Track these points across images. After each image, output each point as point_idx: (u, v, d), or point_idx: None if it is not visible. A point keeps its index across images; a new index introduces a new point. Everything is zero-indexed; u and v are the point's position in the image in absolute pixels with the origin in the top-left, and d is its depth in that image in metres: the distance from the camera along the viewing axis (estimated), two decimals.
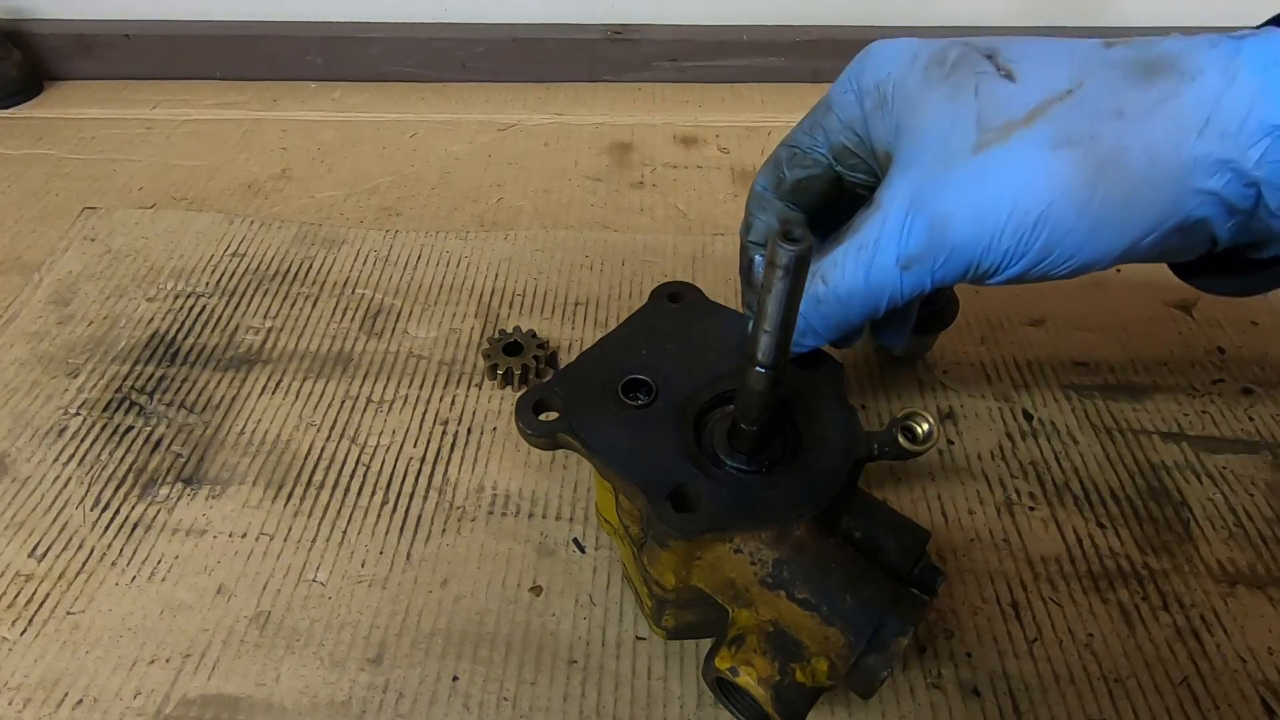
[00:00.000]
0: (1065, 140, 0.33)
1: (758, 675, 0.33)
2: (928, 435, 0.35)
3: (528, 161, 0.74)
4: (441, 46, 0.82)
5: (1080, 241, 0.34)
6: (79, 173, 0.72)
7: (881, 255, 0.36)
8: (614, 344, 0.42)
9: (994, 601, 0.43)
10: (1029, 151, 0.34)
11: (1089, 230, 0.34)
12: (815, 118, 0.42)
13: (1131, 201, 0.33)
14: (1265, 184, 0.32)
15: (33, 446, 0.50)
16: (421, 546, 0.46)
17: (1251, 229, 0.35)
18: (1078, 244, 0.34)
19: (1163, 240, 0.34)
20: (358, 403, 0.53)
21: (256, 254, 0.63)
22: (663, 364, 0.40)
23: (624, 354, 0.41)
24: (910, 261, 0.36)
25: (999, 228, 0.34)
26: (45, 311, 0.59)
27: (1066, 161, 0.33)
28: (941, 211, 0.35)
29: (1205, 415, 0.53)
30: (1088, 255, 0.34)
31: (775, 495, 0.35)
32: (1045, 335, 0.57)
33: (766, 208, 0.43)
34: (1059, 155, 0.33)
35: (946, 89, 0.36)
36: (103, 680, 0.40)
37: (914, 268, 0.36)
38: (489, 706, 0.39)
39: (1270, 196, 0.32)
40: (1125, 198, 0.33)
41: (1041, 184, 0.33)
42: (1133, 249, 0.34)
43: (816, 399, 0.39)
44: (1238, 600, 0.44)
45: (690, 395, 0.39)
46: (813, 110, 0.43)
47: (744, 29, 0.83)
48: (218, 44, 0.82)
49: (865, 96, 0.39)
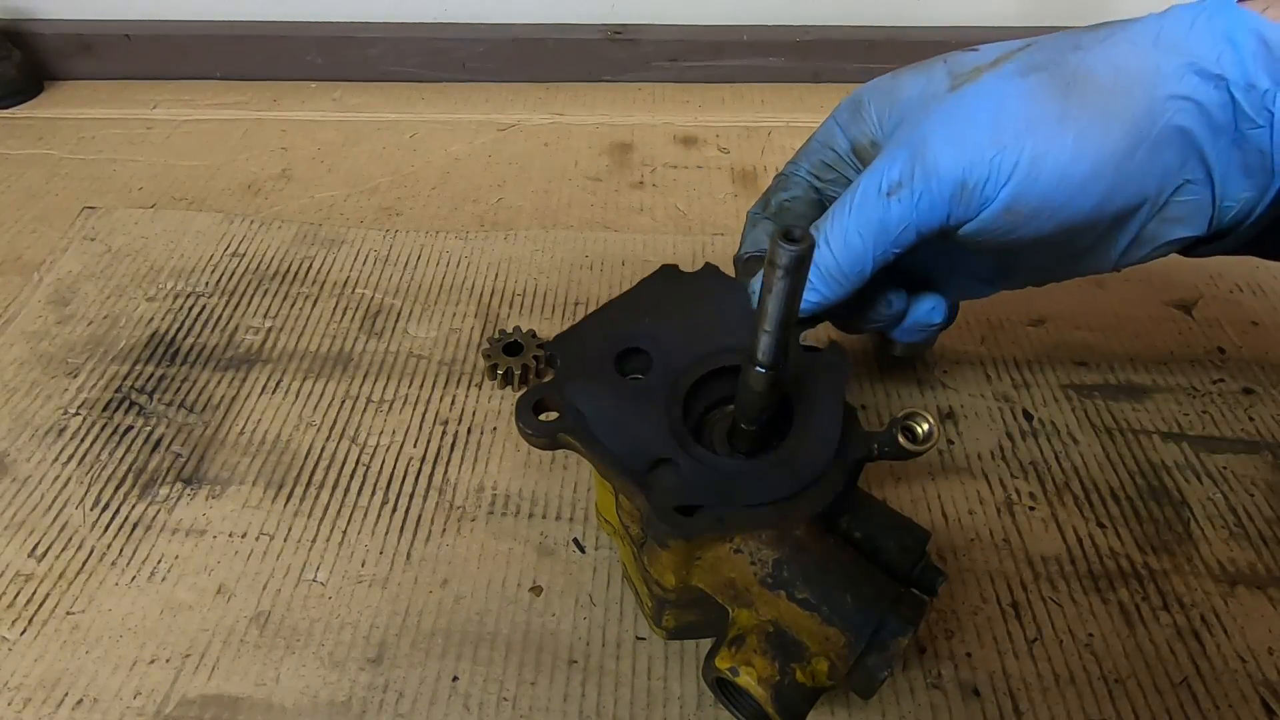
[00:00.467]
0: (1032, 68, 0.35)
1: (758, 675, 0.33)
2: (928, 435, 0.35)
3: (528, 161, 0.74)
4: (441, 46, 0.82)
5: (1068, 156, 0.34)
6: (79, 173, 0.72)
7: (866, 187, 0.37)
8: (617, 310, 0.41)
9: (994, 601, 0.43)
10: (1000, 81, 0.35)
11: (1074, 142, 0.34)
12: (799, 151, 0.46)
13: (1109, 109, 0.34)
14: (1234, 85, 0.33)
15: (33, 446, 0.50)
16: (421, 546, 0.46)
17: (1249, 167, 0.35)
18: (1066, 158, 0.34)
19: (1154, 161, 0.34)
20: (358, 403, 0.53)
21: (256, 254, 0.63)
22: (664, 335, 0.39)
23: (626, 322, 0.40)
24: (893, 187, 0.36)
25: (979, 142, 0.34)
26: (45, 311, 0.59)
27: (1036, 82, 0.35)
28: (919, 135, 0.36)
29: (1205, 415, 0.53)
30: (1080, 173, 0.34)
31: (755, 479, 0.35)
32: (1045, 335, 0.57)
33: (756, 225, 0.45)
34: (1028, 79, 0.35)
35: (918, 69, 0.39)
36: (103, 680, 0.40)
37: (897, 193, 0.36)
38: (489, 706, 0.39)
39: (1245, 100, 0.33)
40: (1101, 106, 0.34)
41: (1015, 102, 0.34)
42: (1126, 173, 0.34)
43: (814, 386, 0.38)
44: (1238, 600, 0.44)
45: (686, 369, 0.38)
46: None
47: (744, 29, 0.83)
48: (218, 44, 0.82)
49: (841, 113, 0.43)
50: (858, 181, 0.38)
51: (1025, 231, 0.36)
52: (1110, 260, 0.41)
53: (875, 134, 0.41)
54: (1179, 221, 0.37)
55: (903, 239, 0.37)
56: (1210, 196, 0.36)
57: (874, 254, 0.37)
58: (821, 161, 0.44)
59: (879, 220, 0.36)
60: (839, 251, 0.37)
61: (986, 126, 0.34)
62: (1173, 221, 0.37)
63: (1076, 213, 0.35)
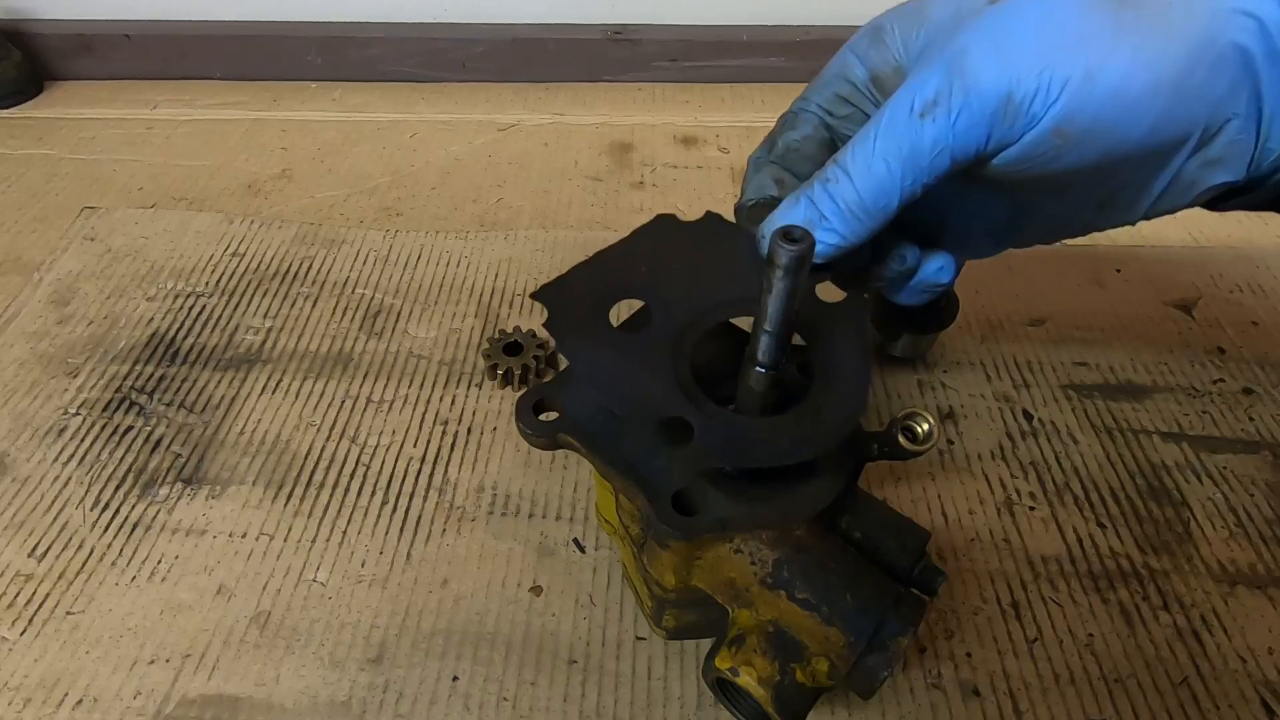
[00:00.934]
0: None
1: (758, 675, 0.33)
2: (928, 435, 0.35)
3: (528, 161, 0.74)
4: (441, 46, 0.82)
5: (1124, 72, 0.30)
6: (79, 173, 0.72)
7: (895, 108, 0.32)
8: (611, 260, 0.37)
9: (994, 601, 0.43)
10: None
11: (1131, 56, 0.30)
12: (810, 85, 0.41)
13: (1169, 20, 0.30)
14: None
15: (33, 446, 0.50)
16: (421, 546, 0.46)
17: None
18: (1122, 74, 0.30)
19: (1212, 83, 0.31)
20: (358, 403, 0.53)
21: (256, 254, 0.63)
22: (664, 286, 0.36)
23: (621, 272, 0.36)
24: (927, 106, 0.31)
25: (1026, 54, 0.31)
26: (45, 311, 0.59)
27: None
28: (958, 48, 0.31)
29: (1205, 415, 0.53)
30: (1136, 92, 0.30)
31: (781, 436, 0.32)
32: (1045, 335, 0.57)
33: (761, 169, 0.40)
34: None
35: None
36: (103, 680, 0.40)
37: (932, 113, 0.31)
38: (489, 706, 0.39)
39: None
40: (1159, 17, 0.30)
41: (1066, 12, 0.31)
42: (1183, 95, 0.31)
43: (833, 337, 0.35)
44: (1238, 600, 0.44)
45: (691, 322, 0.35)
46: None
47: (744, 29, 0.83)
48: (218, 44, 0.82)
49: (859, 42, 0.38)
50: (885, 105, 0.33)
51: (1067, 161, 0.33)
52: (1139, 209, 0.37)
53: (900, 59, 0.37)
54: (1219, 164, 0.34)
55: (936, 166, 0.32)
56: (1255, 136, 0.33)
57: (902, 185, 0.33)
58: (836, 95, 0.39)
59: (910, 145, 0.32)
60: (862, 183, 0.33)
61: (1034, 38, 0.31)
62: (1213, 164, 0.34)
63: (1125, 139, 0.32)
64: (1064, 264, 0.62)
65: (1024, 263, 0.62)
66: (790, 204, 0.35)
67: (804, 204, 0.35)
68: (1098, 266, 0.62)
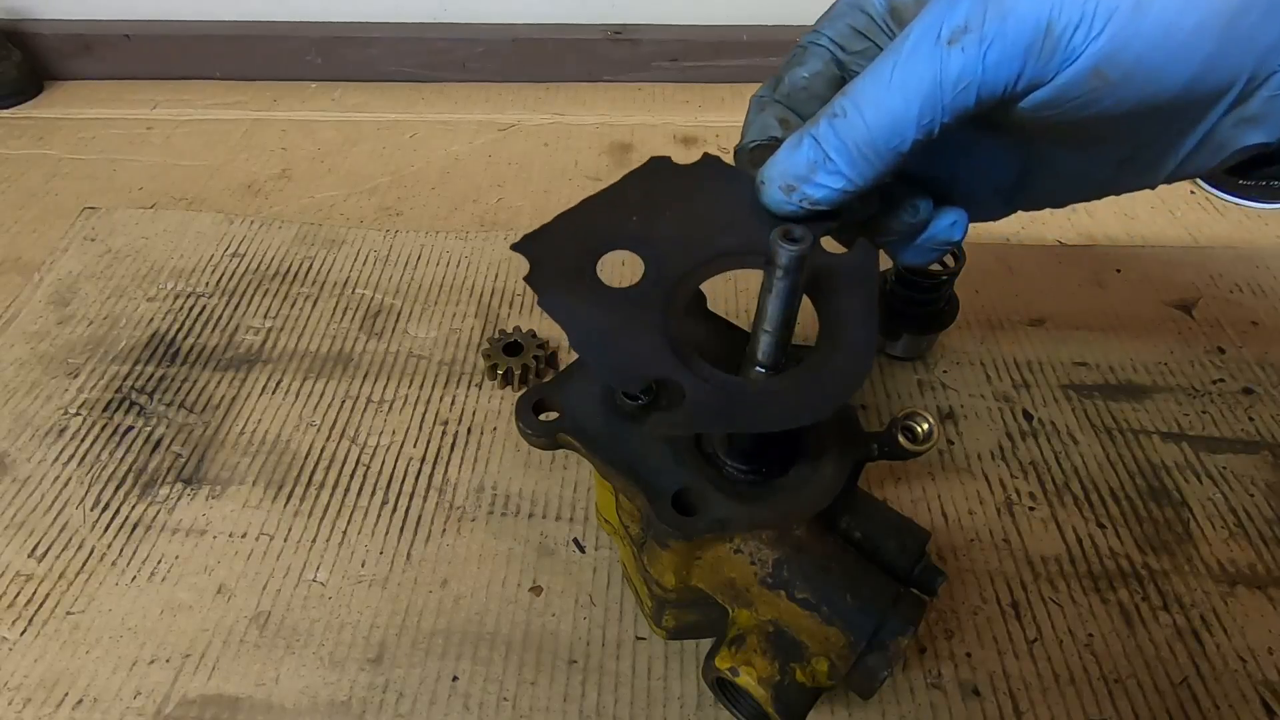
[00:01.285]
0: None
1: (758, 675, 0.33)
2: (928, 435, 0.35)
3: (528, 161, 0.74)
4: (441, 46, 0.82)
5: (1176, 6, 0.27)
6: (79, 173, 0.72)
7: (919, 34, 0.29)
8: (599, 207, 0.34)
9: (994, 601, 0.43)
10: None
11: None
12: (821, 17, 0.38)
13: None
14: None
15: (33, 446, 0.50)
16: (421, 546, 0.46)
17: None
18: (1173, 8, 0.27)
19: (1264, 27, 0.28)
20: (358, 403, 0.53)
21: (256, 254, 0.63)
22: (655, 236, 0.33)
23: (609, 221, 0.33)
24: (955, 33, 0.28)
25: None
26: (45, 311, 0.59)
27: None
28: None
29: (1205, 415, 0.53)
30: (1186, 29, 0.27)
31: (780, 398, 0.30)
32: (1045, 335, 0.57)
33: (764, 109, 0.37)
34: None
35: None
36: (103, 680, 0.40)
37: (960, 40, 0.28)
38: (489, 706, 0.39)
39: None
40: None
41: None
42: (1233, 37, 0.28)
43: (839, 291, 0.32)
44: (1238, 600, 0.44)
45: (685, 275, 0.32)
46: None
47: (744, 29, 0.83)
48: (218, 44, 0.82)
49: None
50: (905, 31, 0.30)
51: (1100, 107, 0.30)
52: (1163, 169, 0.34)
53: None
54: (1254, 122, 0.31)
55: (958, 103, 0.29)
56: None
57: (919, 122, 0.29)
58: (849, 27, 0.36)
59: (933, 76, 0.29)
60: (874, 118, 0.30)
61: None
62: (1248, 122, 0.31)
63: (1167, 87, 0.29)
64: (1064, 264, 0.62)
65: (1024, 263, 0.62)
66: (792, 145, 0.32)
67: (807, 144, 0.32)
68: (1098, 266, 0.62)
